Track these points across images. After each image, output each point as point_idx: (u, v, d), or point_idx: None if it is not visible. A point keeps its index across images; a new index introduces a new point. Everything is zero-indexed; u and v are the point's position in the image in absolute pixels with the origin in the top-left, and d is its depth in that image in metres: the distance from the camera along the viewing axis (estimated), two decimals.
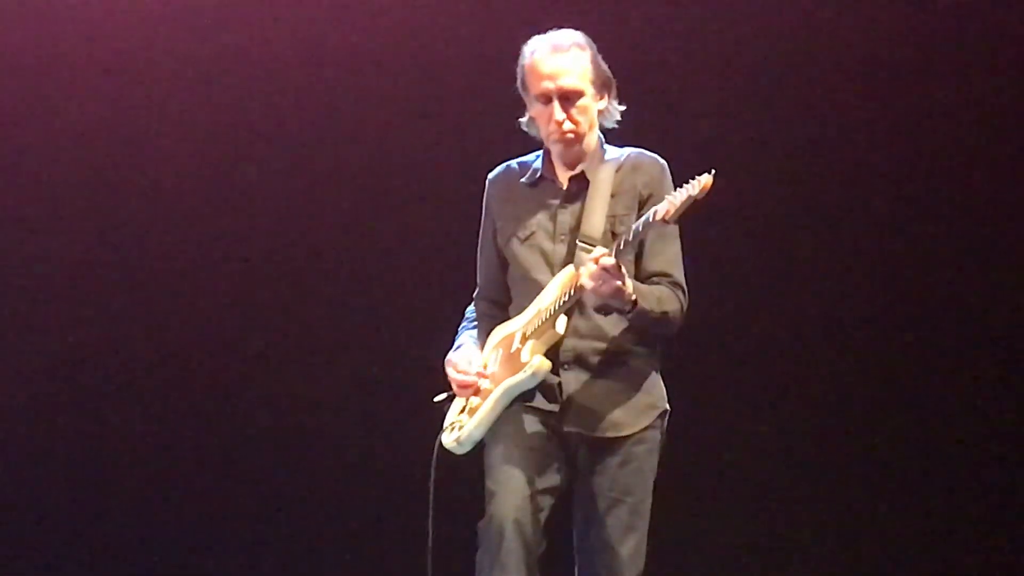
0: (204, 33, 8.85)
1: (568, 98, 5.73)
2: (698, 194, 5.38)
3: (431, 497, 5.82)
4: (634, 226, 5.56)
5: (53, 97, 8.94)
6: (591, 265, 5.51)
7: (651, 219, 5.48)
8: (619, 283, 5.51)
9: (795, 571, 8.07)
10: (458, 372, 5.88)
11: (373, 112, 8.60)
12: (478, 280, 6.06)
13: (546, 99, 5.74)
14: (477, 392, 5.83)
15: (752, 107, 8.29)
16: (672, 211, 5.42)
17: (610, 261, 5.49)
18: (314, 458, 8.60)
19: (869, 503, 8.17)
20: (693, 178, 5.42)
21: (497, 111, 6.10)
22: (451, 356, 5.94)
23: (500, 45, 6.08)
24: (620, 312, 5.65)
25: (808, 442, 8.20)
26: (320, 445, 8.59)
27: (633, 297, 5.57)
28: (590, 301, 5.66)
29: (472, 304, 6.09)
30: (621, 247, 5.56)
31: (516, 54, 5.89)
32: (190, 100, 8.87)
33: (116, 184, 8.89)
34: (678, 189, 5.47)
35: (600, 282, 5.50)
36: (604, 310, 5.69)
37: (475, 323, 6.03)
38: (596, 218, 5.77)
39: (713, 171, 5.38)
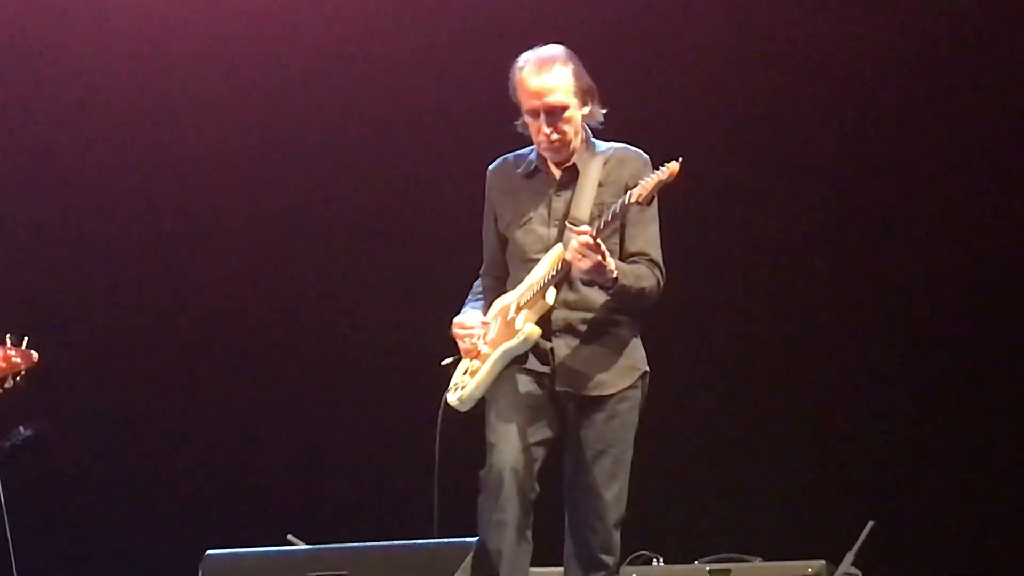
0: (244, 36, 9.06)
1: (553, 112, 5.97)
2: (666, 178, 5.70)
3: (438, 449, 6.08)
4: (612, 208, 5.84)
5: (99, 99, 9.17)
6: (574, 242, 5.79)
7: (627, 201, 5.79)
8: (599, 259, 5.76)
9: (755, 510, 8.16)
10: (463, 329, 6.10)
11: (403, 116, 8.83)
12: (484, 258, 6.30)
13: (534, 114, 5.99)
14: (478, 355, 6.05)
15: (740, 106, 8.41)
16: (644, 193, 5.73)
17: (587, 239, 5.74)
18: (339, 415, 8.85)
19: (826, 446, 8.30)
20: (663, 164, 5.74)
21: (499, 111, 6.24)
22: (456, 319, 6.14)
23: (504, 50, 6.21)
24: (603, 287, 5.90)
25: (768, 401, 8.36)
26: (345, 404, 8.83)
27: (614, 275, 5.83)
28: (578, 275, 5.89)
29: (478, 280, 6.31)
30: (601, 227, 5.81)
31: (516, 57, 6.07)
32: (227, 103, 9.09)
33: (163, 180, 9.14)
34: (647, 176, 5.78)
35: (582, 257, 5.77)
36: (590, 283, 5.91)
37: (479, 296, 6.23)
38: (584, 203, 6.01)
39: (680, 159, 5.68)
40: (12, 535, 8.50)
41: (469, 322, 6.14)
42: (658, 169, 5.79)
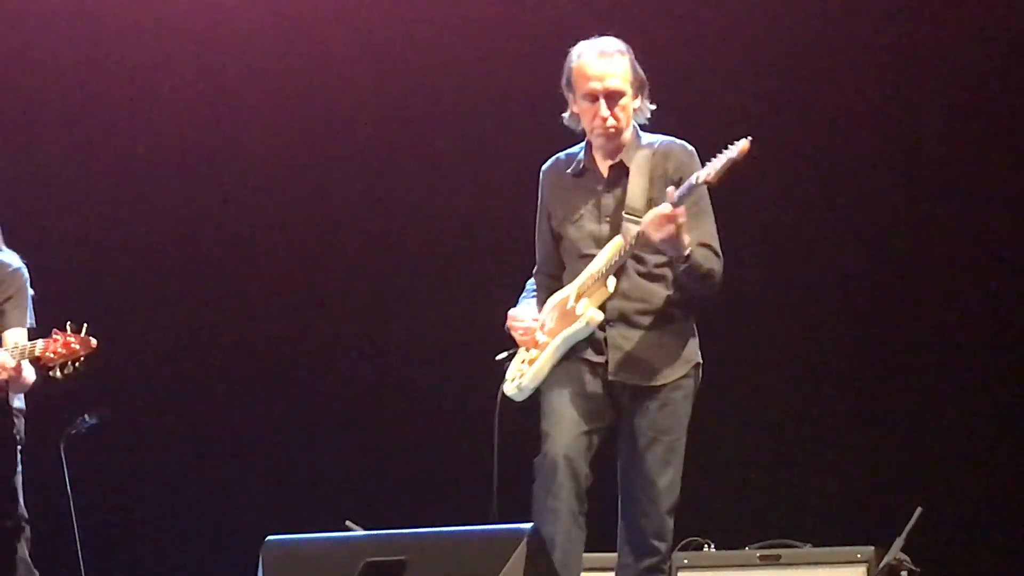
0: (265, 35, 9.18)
1: (612, 97, 5.99)
2: (737, 156, 5.71)
3: (496, 438, 6.09)
4: (680, 188, 5.80)
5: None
6: (650, 214, 5.80)
7: (695, 182, 5.79)
8: (676, 229, 5.76)
9: (805, 497, 8.16)
10: (517, 321, 6.12)
11: (452, 117, 8.92)
12: (536, 257, 6.29)
13: (592, 98, 6.01)
14: (535, 344, 6.04)
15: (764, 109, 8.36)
16: (713, 173, 5.74)
17: (667, 208, 5.75)
18: (400, 406, 8.91)
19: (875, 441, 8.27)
20: (732, 143, 5.73)
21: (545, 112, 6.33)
22: (511, 312, 6.16)
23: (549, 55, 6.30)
24: (676, 260, 5.88)
25: (817, 391, 8.36)
26: (406, 395, 8.90)
27: (688, 249, 5.84)
28: (655, 245, 5.84)
29: (532, 278, 6.30)
30: (686, 193, 5.80)
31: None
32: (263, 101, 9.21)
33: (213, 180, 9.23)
34: (718, 155, 5.76)
35: (660, 227, 5.76)
36: (666, 258, 5.92)
37: (533, 293, 6.24)
38: (638, 194, 6.00)
39: (750, 137, 5.68)
40: (77, 518, 8.60)
41: (522, 315, 6.16)
42: (726, 147, 5.78)
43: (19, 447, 6.62)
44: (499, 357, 6.22)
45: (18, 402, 6.59)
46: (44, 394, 6.64)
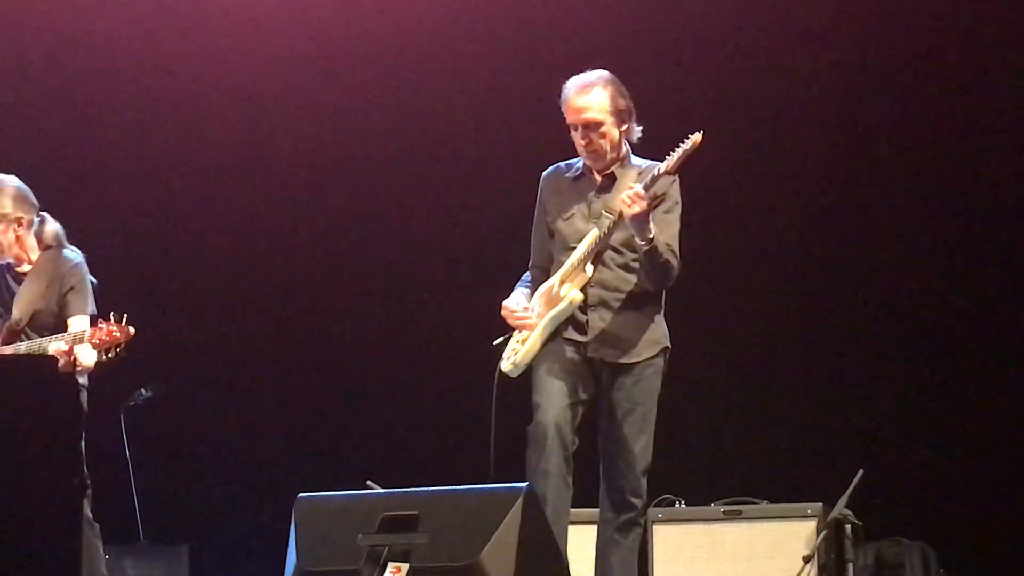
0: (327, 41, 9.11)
1: (589, 127, 6.01)
2: (691, 148, 5.76)
3: (493, 410, 6.11)
4: (647, 178, 5.85)
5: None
6: (627, 193, 5.81)
7: (658, 172, 5.84)
8: (646, 207, 5.79)
9: (762, 460, 8.16)
10: (509, 309, 6.13)
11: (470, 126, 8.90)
12: (531, 253, 6.30)
13: (574, 127, 6.04)
14: (526, 327, 6.06)
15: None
16: (673, 163, 5.81)
17: (639, 189, 5.78)
18: (414, 385, 8.94)
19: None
20: (687, 137, 5.78)
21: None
22: (504, 302, 6.16)
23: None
24: (640, 239, 5.88)
25: (773, 367, 8.37)
26: (419, 376, 8.91)
27: (652, 233, 5.87)
28: (627, 222, 5.85)
29: (527, 272, 6.31)
30: (650, 184, 5.83)
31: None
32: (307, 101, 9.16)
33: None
34: (675, 149, 5.82)
35: (632, 203, 5.79)
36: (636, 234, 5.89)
37: (527, 283, 6.25)
38: (619, 203, 5.96)
39: (702, 131, 5.73)
40: (134, 479, 8.63)
41: (513, 304, 6.16)
42: (682, 142, 5.82)
43: (83, 417, 6.66)
44: (496, 342, 6.22)
45: (81, 379, 6.64)
46: (106, 372, 6.68)
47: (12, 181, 6.75)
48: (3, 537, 4.86)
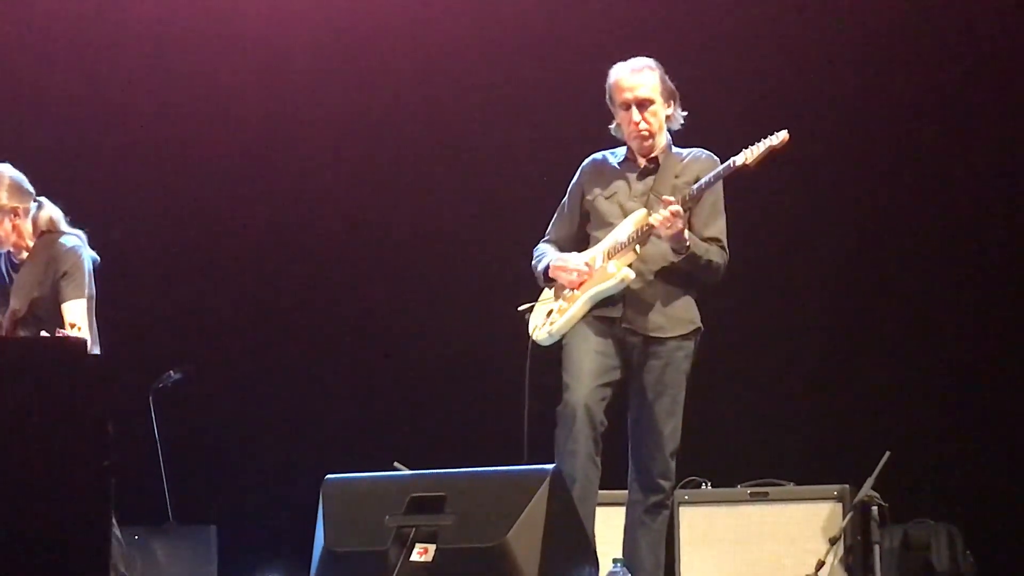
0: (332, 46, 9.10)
1: (642, 105, 6.10)
2: (778, 144, 5.82)
3: (527, 384, 6.09)
4: (714, 172, 5.94)
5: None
6: (664, 211, 5.85)
7: (732, 165, 5.90)
8: (681, 227, 5.85)
9: (789, 441, 8.13)
10: (569, 264, 6.10)
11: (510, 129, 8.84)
12: (548, 231, 6.35)
13: (626, 106, 6.11)
14: (580, 286, 6.08)
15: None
16: (752, 157, 5.85)
17: (677, 208, 5.83)
18: (444, 365, 8.92)
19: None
20: (773, 133, 5.82)
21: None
22: (560, 256, 6.17)
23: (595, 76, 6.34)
24: (677, 252, 5.96)
25: (804, 351, 8.37)
26: (451, 358, 8.89)
27: (688, 244, 5.91)
28: (661, 237, 5.93)
29: (539, 244, 6.34)
30: (693, 193, 5.93)
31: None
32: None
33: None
34: (757, 143, 5.85)
35: (670, 223, 5.85)
36: (672, 248, 5.96)
37: (547, 252, 6.26)
38: (666, 185, 6.08)
39: (787, 130, 5.77)
40: (163, 460, 8.64)
41: (573, 261, 6.15)
42: (767, 136, 5.85)
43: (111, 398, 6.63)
44: (521, 308, 6.26)
45: None
46: (136, 355, 6.64)
47: (7, 171, 6.70)
48: (34, 520, 4.84)
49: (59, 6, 9.22)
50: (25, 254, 6.69)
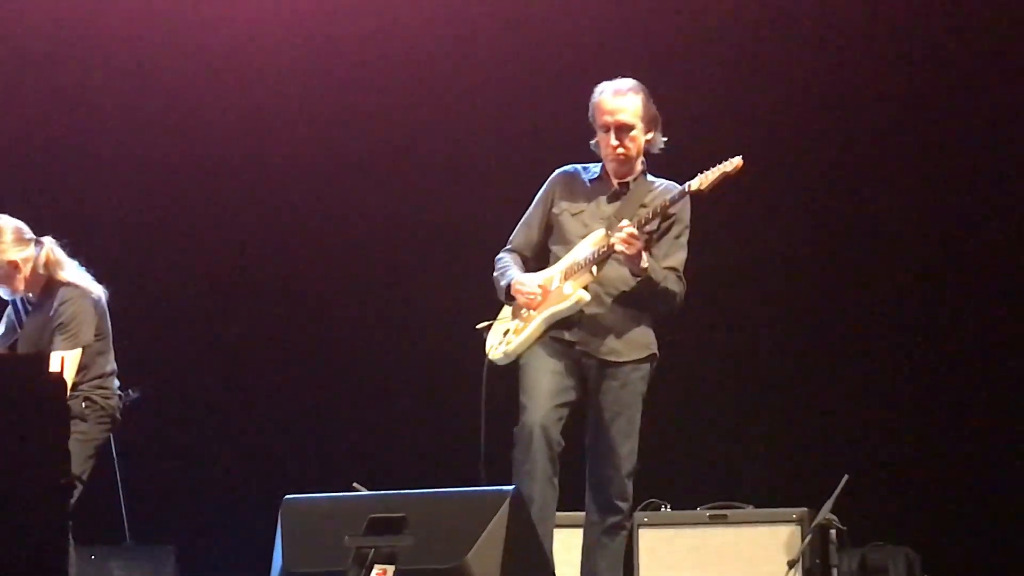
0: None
1: (622, 129, 6.09)
2: (731, 170, 5.83)
3: (483, 405, 6.14)
4: (669, 196, 5.95)
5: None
6: (622, 232, 5.88)
7: (686, 190, 5.92)
8: (640, 249, 5.87)
9: (748, 465, 8.16)
10: (525, 287, 6.09)
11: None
12: (512, 239, 6.33)
13: (606, 129, 6.10)
14: (533, 306, 6.08)
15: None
16: (706, 183, 5.87)
17: (632, 230, 5.85)
18: (399, 386, 8.92)
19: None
20: (728, 159, 5.84)
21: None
22: (519, 277, 6.17)
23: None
24: (634, 274, 5.99)
25: (761, 375, 8.37)
26: (405, 377, 8.89)
27: (645, 266, 5.93)
28: (619, 258, 5.96)
29: (502, 253, 6.32)
30: (650, 216, 5.95)
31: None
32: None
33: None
34: (712, 168, 5.87)
35: (627, 246, 5.87)
36: (629, 268, 5.98)
37: (506, 265, 6.26)
38: (630, 212, 6.09)
39: (741, 155, 5.79)
40: (121, 480, 8.60)
41: (529, 281, 6.16)
42: (721, 162, 5.88)
43: (70, 417, 6.68)
44: (479, 326, 6.26)
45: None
46: None
47: (6, 223, 6.81)
48: None
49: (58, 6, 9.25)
50: (31, 294, 6.82)
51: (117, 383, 7.07)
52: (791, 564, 6.88)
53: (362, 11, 9.09)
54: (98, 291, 6.93)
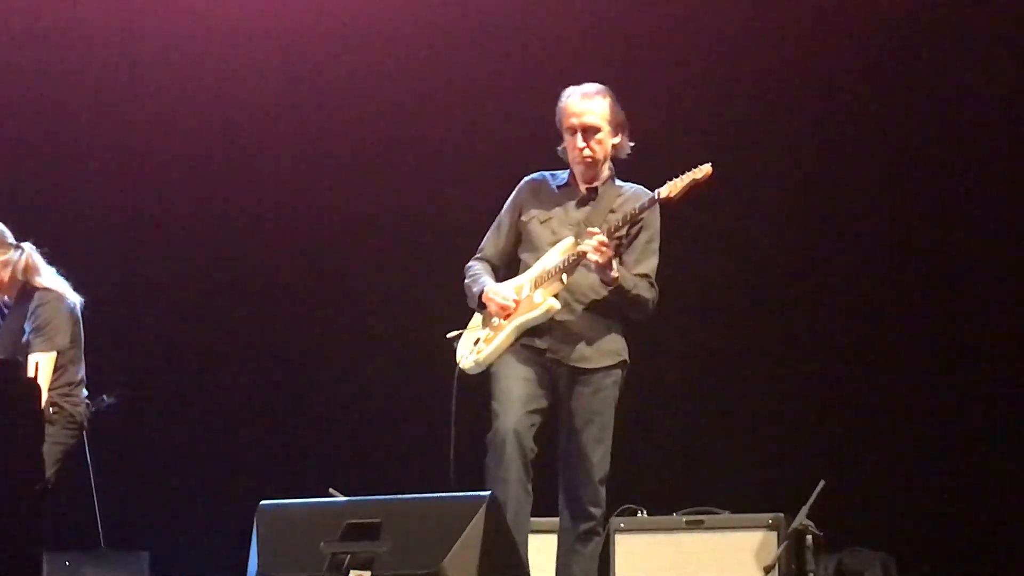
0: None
1: (588, 131, 6.10)
2: (700, 177, 5.83)
3: (454, 413, 6.13)
4: (639, 204, 5.96)
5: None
6: (592, 240, 5.88)
7: (656, 197, 5.92)
8: (610, 257, 5.88)
9: (724, 470, 8.14)
10: (498, 296, 6.09)
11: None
12: (482, 247, 6.33)
13: (572, 131, 6.11)
14: (507, 316, 6.08)
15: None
16: (675, 190, 5.87)
17: (603, 237, 5.85)
18: (374, 393, 8.90)
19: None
20: (696, 166, 5.85)
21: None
22: (492, 286, 6.17)
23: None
24: (604, 282, 5.99)
25: (736, 380, 8.38)
26: (382, 386, 8.87)
27: (615, 274, 5.94)
28: (590, 266, 5.97)
29: (472, 262, 6.33)
30: (620, 224, 5.95)
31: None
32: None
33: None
34: (681, 175, 5.87)
35: (599, 254, 5.87)
36: (601, 278, 6.00)
37: (478, 272, 6.26)
38: (599, 217, 6.10)
39: (711, 163, 5.80)
40: (95, 486, 8.58)
41: (503, 291, 6.15)
42: (690, 170, 5.88)
43: (44, 423, 6.71)
44: (450, 335, 6.27)
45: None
46: None
47: None
48: None
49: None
50: (6, 298, 6.85)
51: (85, 392, 7.08)
52: (767, 569, 6.89)
53: (332, 25, 9.14)
54: (74, 299, 6.95)
